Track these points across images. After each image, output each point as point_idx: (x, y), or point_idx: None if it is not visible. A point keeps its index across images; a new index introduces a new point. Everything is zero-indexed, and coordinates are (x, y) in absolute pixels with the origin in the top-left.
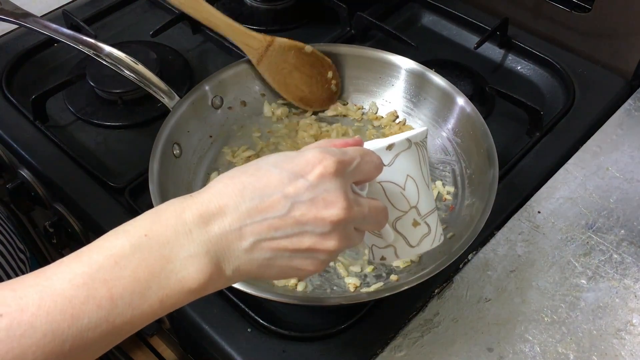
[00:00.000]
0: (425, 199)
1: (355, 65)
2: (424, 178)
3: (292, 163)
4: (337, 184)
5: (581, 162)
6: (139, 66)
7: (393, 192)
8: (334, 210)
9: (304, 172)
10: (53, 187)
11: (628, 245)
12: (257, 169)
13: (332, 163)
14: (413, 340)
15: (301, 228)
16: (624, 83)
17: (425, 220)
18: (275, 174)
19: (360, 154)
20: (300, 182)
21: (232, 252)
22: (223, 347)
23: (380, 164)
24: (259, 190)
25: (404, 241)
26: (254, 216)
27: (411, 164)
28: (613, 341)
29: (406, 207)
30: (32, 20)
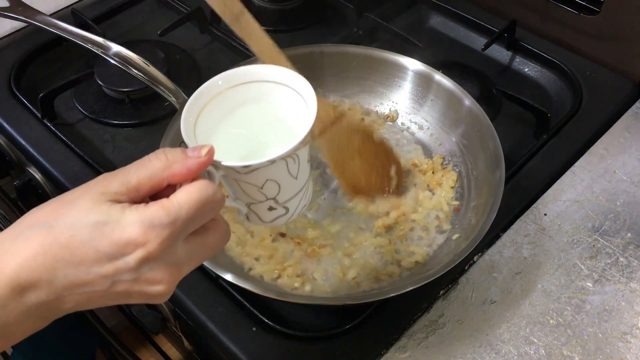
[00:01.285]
0: (289, 189)
1: (362, 66)
2: (292, 174)
3: (110, 241)
4: (162, 262)
5: (588, 165)
6: (147, 65)
7: (249, 189)
8: (159, 287)
9: (124, 253)
10: (60, 185)
11: (634, 248)
12: (71, 238)
13: (157, 246)
14: (418, 341)
15: (126, 296)
16: (631, 86)
17: (284, 205)
18: (91, 252)
19: (197, 208)
20: (119, 264)
21: (56, 311)
22: (228, 346)
23: (221, 204)
24: (73, 266)
25: (256, 216)
26: (71, 289)
27: (273, 172)
28: (619, 344)
29: (262, 199)
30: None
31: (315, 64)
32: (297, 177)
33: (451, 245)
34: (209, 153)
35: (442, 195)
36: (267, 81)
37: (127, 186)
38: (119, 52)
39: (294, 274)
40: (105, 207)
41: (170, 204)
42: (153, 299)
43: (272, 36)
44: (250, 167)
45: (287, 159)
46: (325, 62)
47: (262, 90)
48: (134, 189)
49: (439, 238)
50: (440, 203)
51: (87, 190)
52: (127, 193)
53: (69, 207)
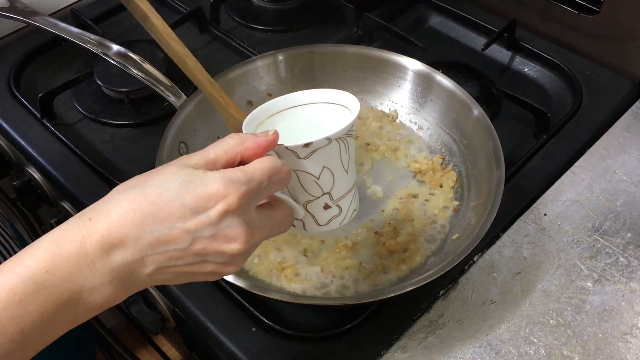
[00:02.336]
0: (341, 184)
1: (361, 66)
2: (343, 165)
3: (195, 195)
4: (239, 219)
5: (588, 165)
6: (146, 65)
7: (307, 180)
8: (235, 245)
9: (206, 206)
10: (60, 185)
11: (634, 248)
12: (159, 195)
13: (236, 199)
14: (418, 341)
15: (202, 258)
16: (631, 85)
17: (337, 203)
18: (177, 207)
19: (269, 174)
20: (202, 218)
21: (135, 277)
22: (228, 346)
23: (289, 178)
24: (159, 222)
25: (313, 220)
26: (155, 248)
27: (329, 157)
28: (619, 344)
29: (319, 193)
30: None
31: (314, 64)
32: (348, 172)
33: (451, 245)
34: (275, 134)
35: (442, 195)
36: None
37: (205, 159)
38: (118, 52)
39: (294, 274)
40: (190, 170)
41: (247, 167)
42: (226, 263)
43: (272, 36)
44: (310, 145)
45: (340, 142)
46: (325, 62)
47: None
48: (211, 162)
49: (439, 238)
50: (440, 203)
51: (170, 164)
52: (205, 165)
53: (157, 174)
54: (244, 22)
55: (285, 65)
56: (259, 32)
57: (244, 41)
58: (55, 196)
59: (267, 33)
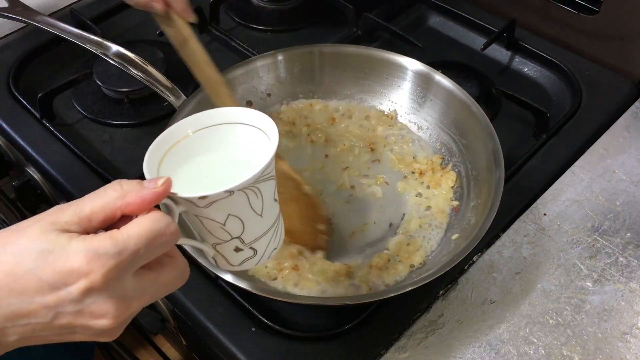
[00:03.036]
0: (254, 228)
1: (361, 66)
2: (256, 211)
3: (53, 269)
4: (106, 294)
5: (588, 165)
6: (146, 65)
7: (211, 226)
8: (103, 321)
9: (66, 282)
10: (59, 185)
11: (634, 248)
12: (15, 265)
13: (100, 277)
14: (417, 341)
15: (70, 330)
16: (631, 85)
17: (250, 246)
18: (33, 281)
19: (147, 241)
20: (62, 294)
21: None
22: (227, 347)
23: (176, 240)
24: (15, 296)
25: (224, 260)
26: (13, 320)
27: (234, 206)
28: (618, 344)
29: (227, 238)
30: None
31: (314, 64)
32: (263, 215)
33: (450, 245)
34: (165, 184)
35: (441, 195)
36: (231, 123)
37: (79, 215)
38: (117, 52)
39: (293, 274)
40: (53, 236)
41: (119, 234)
42: (98, 335)
43: (271, 36)
44: (207, 197)
45: (247, 192)
46: (325, 62)
47: (226, 131)
48: (86, 219)
49: (438, 238)
50: (439, 203)
51: (38, 220)
52: (79, 222)
53: (17, 236)
54: (243, 22)
55: (285, 65)
56: (259, 32)
57: (243, 41)
58: (54, 196)
59: (266, 33)
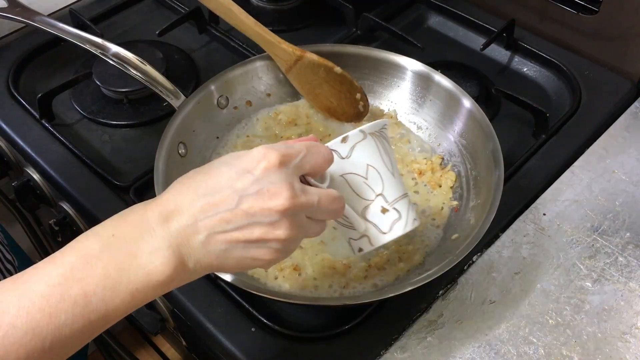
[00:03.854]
0: (391, 186)
1: (360, 66)
2: (387, 166)
3: (240, 160)
4: (281, 175)
5: (587, 165)
6: (145, 65)
7: (356, 183)
8: (278, 201)
9: (250, 167)
10: (58, 186)
11: (634, 248)
12: (210, 167)
13: (275, 157)
14: (417, 341)
15: (250, 219)
16: (630, 85)
17: (393, 206)
18: (224, 172)
19: (307, 146)
20: (247, 177)
21: (190, 246)
22: (227, 347)
23: (328, 156)
24: (210, 187)
25: (375, 229)
26: (207, 211)
27: (370, 153)
28: (618, 344)
29: (372, 196)
30: (39, 19)
31: None
32: (394, 175)
33: (450, 245)
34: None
35: (441, 196)
36: None
37: None
38: (117, 52)
39: (293, 274)
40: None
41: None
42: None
43: None
44: (347, 138)
45: (376, 139)
46: None
47: None
48: None
49: (438, 238)
50: (439, 203)
51: None
52: None
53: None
54: None
55: None
56: None
57: (242, 41)
58: (54, 197)
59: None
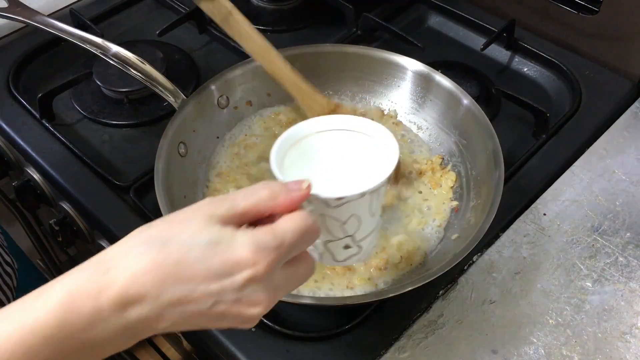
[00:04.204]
0: (366, 226)
1: (361, 66)
2: (372, 211)
3: (222, 259)
4: (264, 284)
5: (587, 165)
6: (145, 65)
7: (332, 224)
8: (257, 309)
9: (232, 271)
10: (59, 186)
11: (634, 248)
12: (184, 255)
13: (264, 267)
14: (417, 341)
15: (221, 318)
16: (631, 85)
17: (358, 244)
18: (201, 269)
19: (300, 235)
20: (226, 282)
21: (149, 330)
22: (227, 347)
23: (318, 234)
24: (182, 283)
25: (330, 255)
26: (175, 307)
27: (360, 207)
28: (618, 344)
29: (342, 236)
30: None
31: (314, 64)
32: (374, 215)
33: (450, 245)
34: (308, 187)
35: (441, 196)
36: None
37: (234, 211)
38: (117, 52)
39: None
40: (217, 228)
41: (278, 229)
42: (244, 322)
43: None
44: (343, 199)
45: (374, 195)
46: (324, 62)
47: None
48: (239, 215)
49: (438, 238)
50: (439, 203)
51: (196, 211)
52: (232, 217)
53: (181, 226)
54: None
55: None
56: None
57: None
58: (54, 196)
59: (266, 33)
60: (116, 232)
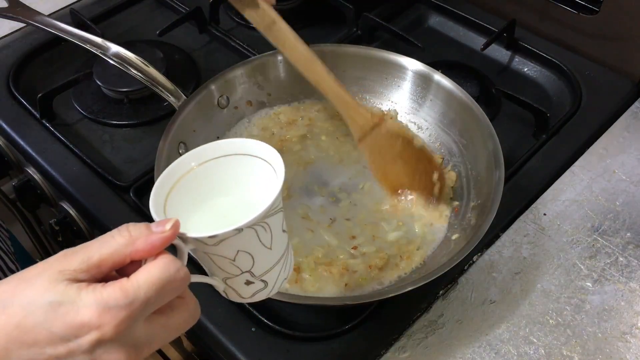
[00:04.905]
0: (264, 261)
1: (361, 66)
2: (265, 245)
3: (64, 322)
4: (118, 343)
5: (587, 165)
6: (145, 65)
7: (221, 261)
8: None
9: (77, 334)
10: (59, 185)
11: (634, 248)
12: (24, 318)
13: (112, 329)
14: (417, 341)
15: None
16: (631, 85)
17: (261, 278)
18: (44, 333)
19: (157, 289)
20: (72, 345)
21: None
22: (227, 347)
23: (186, 284)
24: (26, 347)
25: (235, 293)
26: None
27: (243, 242)
28: (618, 344)
29: (237, 272)
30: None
31: None
32: (272, 248)
33: (450, 245)
34: (173, 227)
35: (441, 195)
36: (235, 154)
37: (87, 263)
38: (117, 52)
39: (293, 275)
40: (62, 287)
41: (129, 284)
42: None
43: None
44: (216, 237)
45: (256, 227)
46: (325, 62)
47: (230, 163)
48: (94, 266)
49: (438, 238)
50: (439, 203)
51: (46, 268)
52: (87, 270)
53: (26, 286)
54: (243, 22)
55: (285, 65)
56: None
57: (243, 41)
58: (54, 196)
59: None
60: None
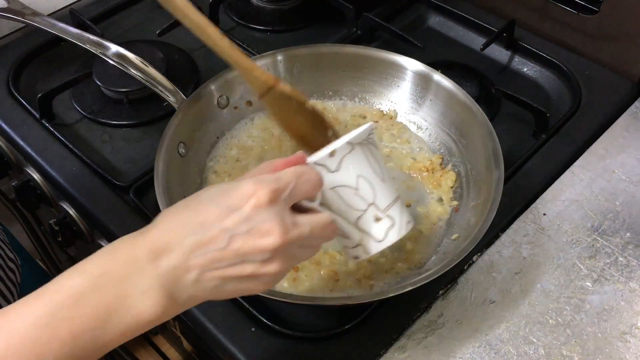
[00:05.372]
0: (382, 193)
1: (361, 66)
2: (377, 174)
3: (228, 196)
4: (271, 212)
5: (587, 165)
6: (145, 65)
7: (347, 195)
8: (270, 239)
9: (239, 204)
10: (59, 185)
11: (634, 248)
12: (198, 202)
13: (265, 194)
14: (417, 341)
15: (242, 258)
16: (630, 85)
17: (387, 213)
18: (213, 209)
19: (296, 175)
20: (236, 215)
21: (182, 284)
22: (227, 347)
23: (318, 182)
24: (199, 225)
25: (370, 238)
26: (197, 250)
27: (359, 164)
28: (618, 344)
29: (364, 206)
30: (40, 19)
31: (314, 64)
32: (384, 180)
33: (450, 245)
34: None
35: (441, 195)
36: None
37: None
38: (117, 52)
39: (293, 274)
40: (226, 183)
41: (276, 173)
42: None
43: (271, 36)
44: (334, 152)
45: (364, 147)
46: (324, 62)
47: None
48: None
49: (438, 238)
50: (439, 203)
51: None
52: None
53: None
54: (243, 22)
55: (285, 66)
56: (258, 32)
57: (243, 41)
58: (54, 196)
59: (266, 33)
60: (116, 232)
